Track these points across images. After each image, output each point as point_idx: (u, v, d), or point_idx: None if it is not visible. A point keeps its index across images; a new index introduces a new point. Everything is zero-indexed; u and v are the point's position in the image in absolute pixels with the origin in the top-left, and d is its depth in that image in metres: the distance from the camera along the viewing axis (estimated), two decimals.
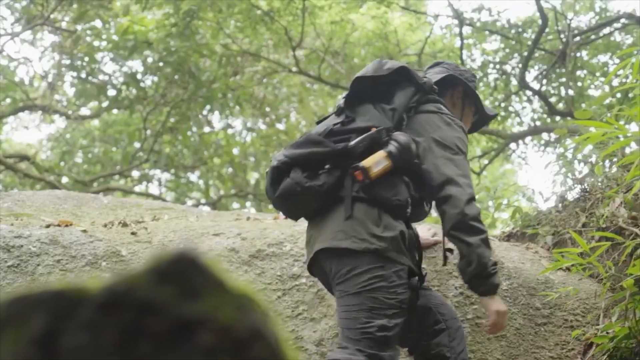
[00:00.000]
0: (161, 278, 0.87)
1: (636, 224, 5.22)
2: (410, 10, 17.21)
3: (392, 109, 4.11)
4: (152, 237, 5.24)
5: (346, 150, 3.95)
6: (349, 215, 3.88)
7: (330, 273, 3.96)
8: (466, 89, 4.55)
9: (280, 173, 4.04)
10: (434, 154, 4.03)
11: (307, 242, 4.15)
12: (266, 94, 17.93)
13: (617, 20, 14.24)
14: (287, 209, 4.18)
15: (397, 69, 4.17)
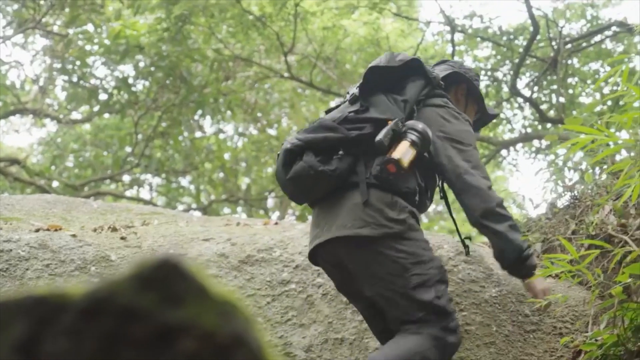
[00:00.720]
0: (144, 284, 0.87)
1: (625, 231, 5.22)
2: (402, 16, 17.22)
3: (403, 100, 4.19)
4: (142, 242, 5.23)
5: (360, 138, 4.04)
6: (365, 199, 3.94)
7: (349, 261, 4.03)
8: (470, 87, 4.65)
9: (293, 156, 4.10)
10: (445, 147, 4.15)
11: (316, 228, 4.16)
12: (258, 99, 17.94)
13: (608, 28, 14.28)
14: (296, 191, 4.21)
15: (409, 61, 4.27)
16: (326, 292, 4.99)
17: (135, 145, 16.73)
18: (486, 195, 4.08)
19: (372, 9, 16.37)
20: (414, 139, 3.94)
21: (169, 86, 15.56)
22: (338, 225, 3.99)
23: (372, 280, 3.98)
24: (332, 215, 4.05)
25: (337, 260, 4.09)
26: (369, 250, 3.94)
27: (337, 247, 4.02)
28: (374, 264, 3.94)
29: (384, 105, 4.17)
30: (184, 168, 18.29)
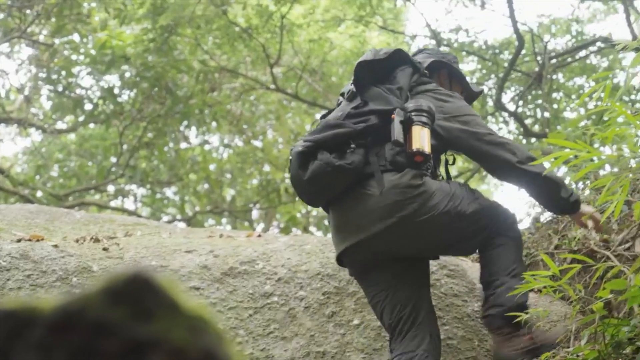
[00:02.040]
0: (114, 299, 0.86)
1: (608, 247, 5.24)
2: (388, 29, 17.26)
3: (398, 88, 4.41)
4: (124, 253, 5.21)
5: (367, 130, 4.27)
6: (382, 187, 4.17)
7: (399, 245, 4.31)
8: (450, 70, 4.89)
9: (307, 157, 4.26)
10: (453, 127, 4.45)
11: (342, 229, 4.37)
12: (243, 111, 17.93)
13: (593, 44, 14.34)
14: (315, 191, 4.36)
15: (393, 52, 4.52)
16: (308, 305, 4.99)
17: (120, 156, 16.69)
18: (515, 147, 4.46)
19: (359, 22, 16.42)
20: (423, 120, 4.18)
21: (155, 97, 15.53)
22: (374, 218, 4.21)
23: (438, 242, 4.43)
24: (362, 211, 4.25)
25: (378, 252, 4.32)
26: (417, 224, 4.22)
27: (380, 239, 4.24)
28: (431, 230, 4.26)
29: (382, 97, 4.38)
30: (169, 179, 18.25)
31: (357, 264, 4.46)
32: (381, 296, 4.40)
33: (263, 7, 15.45)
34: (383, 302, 4.39)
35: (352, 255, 4.39)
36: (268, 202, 18.54)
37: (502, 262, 4.37)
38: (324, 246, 5.46)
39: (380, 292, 4.41)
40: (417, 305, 4.35)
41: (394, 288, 4.38)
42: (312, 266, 5.21)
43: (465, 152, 4.61)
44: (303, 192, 4.44)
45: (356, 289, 5.07)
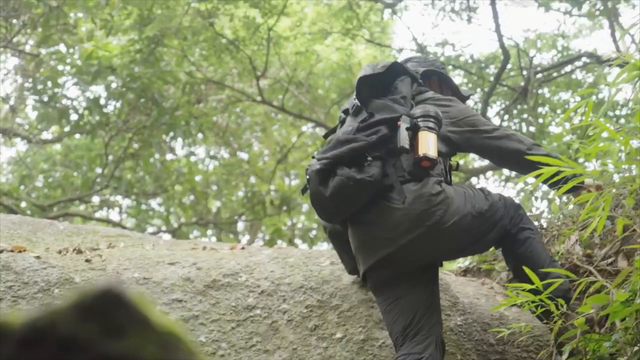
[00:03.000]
0: (84, 314, 0.85)
1: (591, 262, 5.25)
2: (374, 43, 17.30)
3: (402, 97, 4.53)
4: (107, 264, 5.19)
5: (381, 141, 4.33)
6: (404, 198, 4.26)
7: (428, 250, 4.41)
8: (440, 77, 5.03)
9: (326, 174, 4.32)
10: (460, 130, 4.63)
11: (367, 244, 4.45)
12: (229, 123, 17.92)
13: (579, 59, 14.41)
14: (338, 206, 4.39)
15: (391, 65, 4.63)
16: (291, 318, 4.97)
17: (105, 167, 16.65)
18: (520, 136, 4.72)
19: (345, 35, 16.45)
20: (430, 125, 4.28)
21: (141, 108, 15.51)
22: (403, 230, 4.30)
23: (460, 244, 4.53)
24: (388, 224, 4.33)
25: (410, 260, 4.39)
26: (444, 230, 4.31)
27: (412, 247, 4.32)
28: (455, 234, 4.36)
29: (387, 107, 4.48)
30: (154, 190, 18.20)
31: (381, 276, 4.50)
32: (394, 305, 4.46)
33: (250, 19, 15.47)
34: (395, 310, 4.44)
35: (379, 269, 4.44)
36: (253, 214, 18.52)
37: (537, 257, 4.55)
38: (308, 259, 5.45)
39: (394, 300, 4.46)
40: (427, 310, 4.41)
41: (407, 295, 4.44)
42: (296, 279, 5.20)
43: (478, 151, 4.83)
44: (324, 209, 4.47)
45: (339, 302, 5.06)
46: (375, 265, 4.41)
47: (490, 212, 4.54)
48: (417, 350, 4.25)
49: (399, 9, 16.38)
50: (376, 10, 16.55)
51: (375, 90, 4.60)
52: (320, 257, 5.51)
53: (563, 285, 4.27)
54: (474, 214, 4.42)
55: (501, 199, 4.69)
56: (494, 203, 4.60)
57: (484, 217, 4.49)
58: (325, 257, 5.50)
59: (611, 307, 3.64)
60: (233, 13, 15.29)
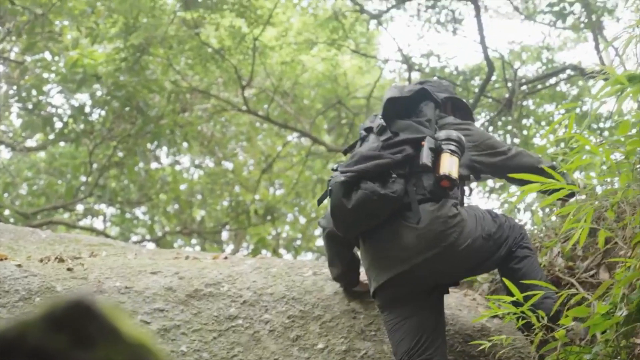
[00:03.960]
0: (55, 325, 0.85)
1: (573, 274, 5.26)
2: (360, 53, 17.32)
3: (427, 120, 4.69)
4: (88, 273, 5.17)
5: (405, 159, 4.47)
6: (418, 218, 4.37)
7: (441, 270, 4.48)
8: (454, 102, 5.15)
9: (350, 187, 4.39)
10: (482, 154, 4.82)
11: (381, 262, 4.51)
12: (214, 132, 17.91)
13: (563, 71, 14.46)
14: (359, 219, 4.44)
15: (418, 90, 4.84)
16: (273, 328, 4.97)
17: (89, 175, 16.60)
18: (527, 151, 5.00)
19: (331, 45, 16.46)
20: (452, 149, 4.42)
21: (125, 116, 15.48)
22: (420, 249, 4.39)
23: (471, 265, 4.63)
24: (404, 243, 4.41)
25: (423, 279, 4.47)
26: (458, 252, 4.42)
27: (427, 266, 4.40)
28: (468, 255, 4.47)
29: (412, 127, 4.62)
30: (139, 199, 18.16)
31: (392, 294, 4.54)
32: (401, 324, 4.51)
33: (236, 29, 15.47)
34: (402, 330, 4.50)
35: (391, 287, 4.49)
36: (237, 223, 18.49)
37: (531, 275, 4.58)
38: (290, 269, 5.45)
39: (402, 320, 4.51)
40: (433, 332, 4.49)
41: (415, 316, 4.50)
42: (278, 289, 5.20)
43: (498, 172, 4.98)
44: (344, 221, 4.51)
45: (321, 312, 5.06)
46: (388, 283, 4.47)
47: (498, 234, 4.66)
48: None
49: (384, 20, 16.42)
50: (362, 21, 16.58)
51: (400, 111, 4.75)
52: (302, 268, 5.51)
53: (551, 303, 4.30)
54: (483, 236, 4.54)
55: (506, 220, 4.81)
56: (502, 225, 4.72)
57: (492, 238, 4.61)
58: (308, 268, 5.50)
59: (591, 320, 3.65)
60: (219, 22, 15.29)
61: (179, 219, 19.30)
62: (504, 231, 4.71)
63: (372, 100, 16.92)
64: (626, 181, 3.82)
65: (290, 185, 18.85)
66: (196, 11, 14.72)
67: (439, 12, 15.11)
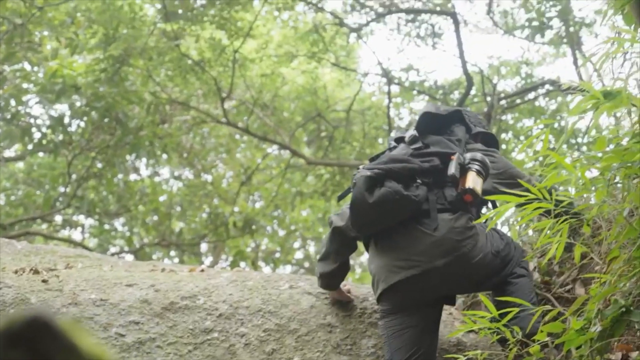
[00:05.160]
0: (12, 342, 0.84)
1: (549, 289, 5.27)
2: (340, 66, 17.35)
3: (457, 140, 4.86)
4: (64, 285, 5.14)
5: (431, 169, 4.63)
6: (435, 226, 4.48)
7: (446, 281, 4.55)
8: (484, 137, 5.20)
9: (374, 183, 4.53)
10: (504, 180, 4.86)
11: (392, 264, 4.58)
12: (194, 144, 17.88)
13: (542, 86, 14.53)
14: (377, 216, 4.55)
15: (454, 111, 5.07)
16: (249, 342, 4.95)
17: (67, 185, 16.53)
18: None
19: (311, 58, 16.48)
20: (478, 169, 4.54)
21: (105, 127, 15.43)
22: (433, 255, 4.48)
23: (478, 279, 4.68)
24: (417, 249, 4.51)
25: (429, 286, 4.53)
26: (470, 264, 4.52)
27: (438, 273, 4.47)
28: (478, 269, 4.54)
29: (443, 143, 4.80)
30: (117, 210, 18.09)
31: (397, 299, 4.61)
32: (402, 332, 4.58)
33: (216, 41, 15.48)
34: (402, 338, 4.57)
35: (398, 291, 4.56)
36: (216, 235, 18.45)
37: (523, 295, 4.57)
38: (267, 282, 5.44)
39: (405, 328, 4.58)
40: (429, 347, 4.59)
41: (418, 327, 4.58)
42: (254, 302, 5.18)
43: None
44: (361, 216, 4.61)
45: (297, 326, 5.05)
46: (398, 286, 4.54)
47: (505, 252, 4.76)
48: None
49: (364, 34, 16.47)
50: (342, 34, 16.62)
51: (433, 127, 4.93)
52: (279, 281, 5.50)
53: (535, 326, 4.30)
54: (493, 252, 4.64)
55: (510, 239, 4.93)
56: (508, 243, 4.85)
57: (500, 255, 4.70)
58: (284, 281, 5.49)
59: (566, 335, 3.65)
60: (199, 34, 15.29)
61: (158, 231, 19.23)
62: (510, 250, 4.82)
63: (352, 113, 16.95)
64: (602, 197, 3.83)
65: (270, 197, 18.84)
66: (176, 23, 14.70)
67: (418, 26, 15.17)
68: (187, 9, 14.34)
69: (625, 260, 3.73)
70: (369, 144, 16.97)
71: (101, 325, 4.79)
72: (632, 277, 3.69)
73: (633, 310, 3.57)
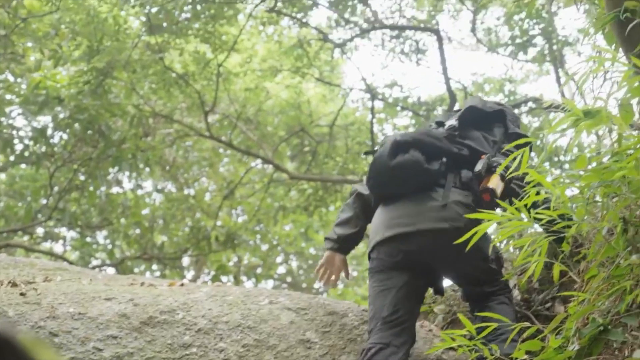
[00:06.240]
0: None
1: (528, 306, 5.28)
2: (324, 82, 17.38)
3: (493, 141, 4.99)
4: (42, 298, 5.11)
5: (458, 156, 4.82)
6: (446, 201, 4.64)
7: (439, 251, 4.66)
8: (517, 137, 5.14)
9: (400, 147, 4.77)
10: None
11: (393, 220, 4.74)
12: (176, 157, 17.85)
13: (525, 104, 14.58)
14: (393, 179, 4.77)
15: (498, 110, 5.16)
16: (227, 357, 4.93)
17: (48, 197, 16.47)
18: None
19: (295, 73, 16.50)
20: (502, 174, 4.60)
21: (87, 139, 15.39)
22: (433, 218, 4.63)
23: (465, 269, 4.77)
24: (422, 211, 4.67)
25: (418, 249, 4.67)
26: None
27: (428, 237, 4.64)
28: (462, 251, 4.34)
29: (480, 140, 4.95)
30: (99, 223, 18.03)
31: (386, 257, 4.74)
32: (389, 292, 4.71)
33: (200, 54, 15.48)
34: (388, 297, 4.69)
35: (390, 246, 4.72)
36: (198, 249, 18.41)
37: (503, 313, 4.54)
38: (246, 297, 5.42)
39: (388, 288, 4.72)
40: (411, 313, 4.72)
41: (403, 289, 4.69)
42: (233, 317, 5.16)
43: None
44: (378, 175, 4.85)
45: (276, 342, 5.03)
46: (388, 241, 4.72)
47: (492, 266, 4.81)
48: (395, 342, 4.55)
49: (348, 49, 16.50)
50: (326, 49, 16.64)
51: (475, 121, 5.06)
52: (259, 296, 5.48)
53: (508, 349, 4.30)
54: (483, 254, 4.64)
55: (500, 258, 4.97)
56: (499, 258, 4.91)
57: (487, 262, 4.76)
58: (264, 296, 5.47)
59: (545, 354, 3.65)
60: (183, 47, 15.29)
61: (140, 244, 19.16)
62: (497, 270, 4.90)
63: (335, 129, 16.97)
64: (581, 215, 3.84)
65: (252, 212, 18.82)
66: (161, 36, 14.70)
67: (403, 43, 15.21)
68: (172, 22, 14.33)
69: (604, 279, 3.74)
70: (352, 159, 16.98)
71: (79, 339, 4.76)
72: (611, 296, 3.70)
73: (611, 329, 3.58)
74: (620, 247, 3.61)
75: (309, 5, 15.11)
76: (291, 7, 15.23)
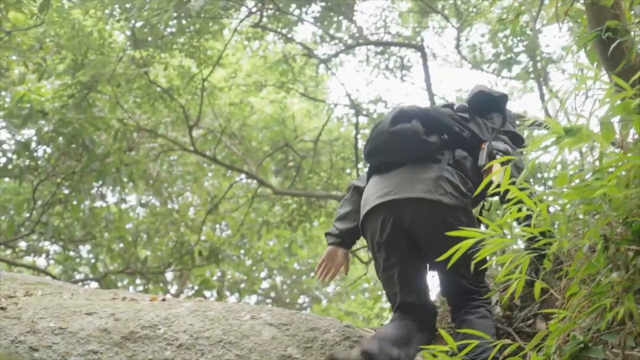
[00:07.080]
0: None
1: (510, 323, 5.28)
2: (308, 97, 17.40)
3: (492, 128, 5.15)
4: (22, 313, 5.08)
5: (458, 136, 4.97)
6: (440, 174, 4.76)
7: (418, 223, 4.76)
8: (513, 136, 5.34)
9: (403, 116, 4.90)
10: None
11: (383, 190, 4.84)
12: (161, 172, 17.83)
13: None
14: (389, 145, 4.91)
15: (503, 95, 5.39)
16: None
17: (31, 211, 16.40)
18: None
19: (280, 88, 16.53)
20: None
21: (71, 153, 15.34)
22: (420, 189, 4.72)
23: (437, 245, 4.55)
24: (413, 180, 4.77)
25: (404, 217, 4.76)
26: (440, 216, 4.69)
27: (414, 206, 4.74)
28: (442, 229, 4.37)
29: (482, 127, 5.11)
30: (82, 237, 17.96)
31: (376, 228, 4.85)
32: (388, 274, 4.89)
33: (185, 69, 15.48)
34: (387, 278, 4.91)
35: (379, 214, 4.83)
36: (182, 264, 18.36)
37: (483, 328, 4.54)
38: (228, 313, 5.40)
39: (389, 267, 4.88)
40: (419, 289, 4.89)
41: (399, 269, 4.84)
42: (215, 333, 5.15)
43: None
44: (376, 139, 4.98)
45: (258, 357, 5.02)
46: (377, 209, 4.85)
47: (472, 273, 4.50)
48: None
49: (333, 65, 16.54)
50: (311, 64, 16.68)
51: (480, 104, 5.24)
52: (240, 311, 5.46)
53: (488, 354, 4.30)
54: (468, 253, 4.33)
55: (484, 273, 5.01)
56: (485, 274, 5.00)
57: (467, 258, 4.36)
58: (245, 312, 5.46)
59: None
60: (168, 62, 15.28)
61: (123, 258, 19.10)
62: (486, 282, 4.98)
63: (320, 144, 16.98)
64: (562, 232, 3.84)
65: (236, 226, 18.79)
66: (145, 50, 14.69)
67: (387, 59, 15.26)
68: (157, 37, 14.32)
69: (585, 296, 3.74)
70: (336, 175, 17.00)
71: (59, 354, 4.73)
72: (591, 313, 3.70)
73: (591, 346, 3.58)
74: (601, 265, 3.62)
75: (294, 21, 15.13)
76: (276, 22, 15.25)
